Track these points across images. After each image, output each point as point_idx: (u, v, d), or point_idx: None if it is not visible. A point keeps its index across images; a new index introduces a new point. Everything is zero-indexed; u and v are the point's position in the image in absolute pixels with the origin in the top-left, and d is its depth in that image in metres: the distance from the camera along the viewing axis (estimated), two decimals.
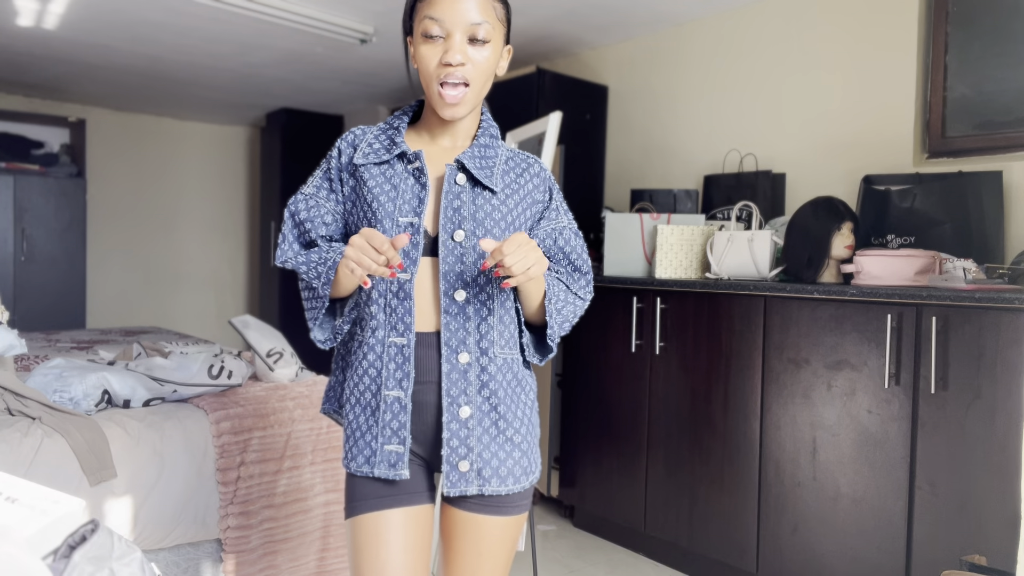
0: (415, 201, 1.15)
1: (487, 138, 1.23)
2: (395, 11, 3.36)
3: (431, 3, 1.12)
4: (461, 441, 1.14)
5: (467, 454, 1.14)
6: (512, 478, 1.17)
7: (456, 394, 1.14)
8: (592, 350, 2.97)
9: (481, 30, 1.13)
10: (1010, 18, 2.47)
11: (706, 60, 3.37)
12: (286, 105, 5.62)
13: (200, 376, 2.22)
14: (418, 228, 1.14)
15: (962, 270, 2.09)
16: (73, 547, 0.75)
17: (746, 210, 2.89)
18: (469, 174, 1.18)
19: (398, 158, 1.19)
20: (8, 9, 3.39)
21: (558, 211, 1.27)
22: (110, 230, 5.83)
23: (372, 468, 1.15)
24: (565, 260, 1.26)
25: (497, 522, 1.18)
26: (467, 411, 1.14)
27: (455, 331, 1.15)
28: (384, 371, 1.15)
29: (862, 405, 2.16)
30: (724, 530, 2.49)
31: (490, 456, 1.15)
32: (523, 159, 1.26)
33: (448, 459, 1.14)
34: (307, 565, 2.24)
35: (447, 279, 1.14)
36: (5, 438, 1.79)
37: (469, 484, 1.14)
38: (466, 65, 1.13)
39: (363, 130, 1.25)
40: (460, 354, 1.14)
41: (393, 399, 1.14)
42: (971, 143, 2.55)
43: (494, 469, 1.15)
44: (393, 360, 1.14)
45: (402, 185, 1.17)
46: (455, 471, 1.14)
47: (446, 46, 1.12)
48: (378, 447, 1.15)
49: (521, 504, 1.21)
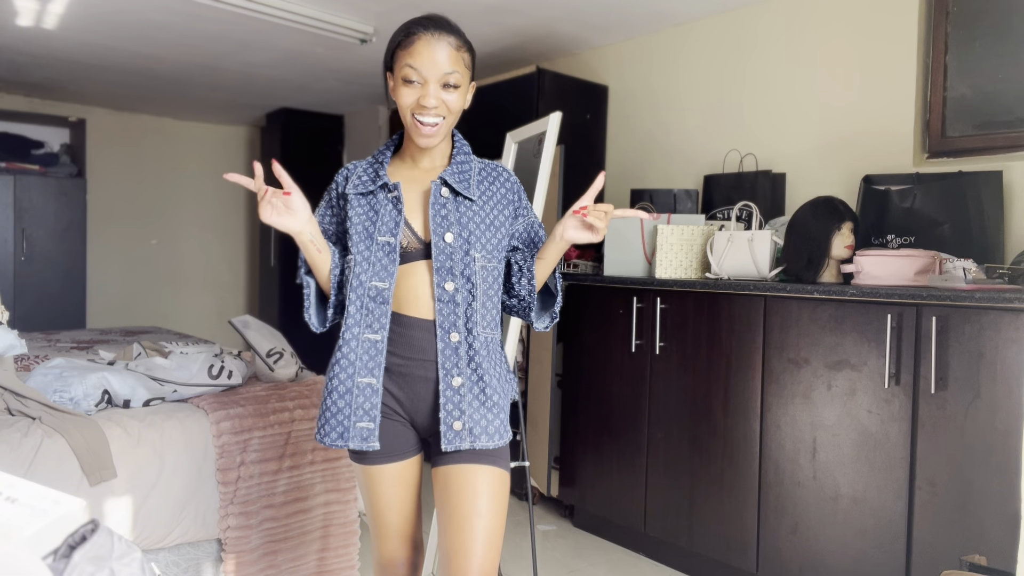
0: (392, 224, 1.41)
1: (462, 155, 1.48)
2: (395, 11, 3.36)
3: (411, 53, 1.35)
4: (455, 405, 1.39)
5: (460, 416, 1.39)
6: (498, 435, 1.41)
7: (449, 367, 1.39)
8: (592, 350, 2.97)
9: (452, 78, 1.37)
10: (1010, 18, 2.47)
11: (706, 60, 3.37)
12: (286, 105, 5.62)
13: (200, 376, 2.22)
14: (394, 247, 1.39)
15: (962, 270, 2.09)
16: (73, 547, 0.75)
17: (746, 210, 2.89)
18: (451, 188, 1.43)
19: (381, 188, 1.44)
20: (8, 9, 3.39)
21: (528, 209, 1.54)
22: (110, 230, 5.83)
23: (346, 442, 1.39)
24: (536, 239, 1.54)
25: (486, 469, 1.41)
26: (459, 381, 1.39)
27: (447, 315, 1.39)
28: (358, 362, 1.39)
29: (862, 405, 2.16)
30: (724, 530, 2.49)
31: (479, 417, 1.39)
32: (492, 168, 1.51)
33: (444, 420, 1.38)
34: (307, 565, 2.24)
35: (439, 273, 1.39)
36: (5, 438, 1.79)
37: (462, 441, 1.38)
38: (439, 107, 1.37)
39: (355, 165, 1.50)
40: (451, 334, 1.39)
41: (365, 385, 1.39)
42: (971, 143, 2.55)
43: (482, 428, 1.39)
44: (367, 352, 1.39)
45: (382, 210, 1.42)
46: (451, 430, 1.38)
47: (423, 91, 1.36)
48: (350, 424, 1.39)
49: (502, 460, 1.44)
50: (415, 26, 1.37)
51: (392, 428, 1.44)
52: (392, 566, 1.53)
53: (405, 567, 1.54)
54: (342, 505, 2.31)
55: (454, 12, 3.23)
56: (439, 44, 1.35)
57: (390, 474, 1.46)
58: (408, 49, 1.36)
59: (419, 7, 3.25)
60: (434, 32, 1.36)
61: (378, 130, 5.53)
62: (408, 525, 1.52)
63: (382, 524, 1.50)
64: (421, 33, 1.35)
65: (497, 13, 3.33)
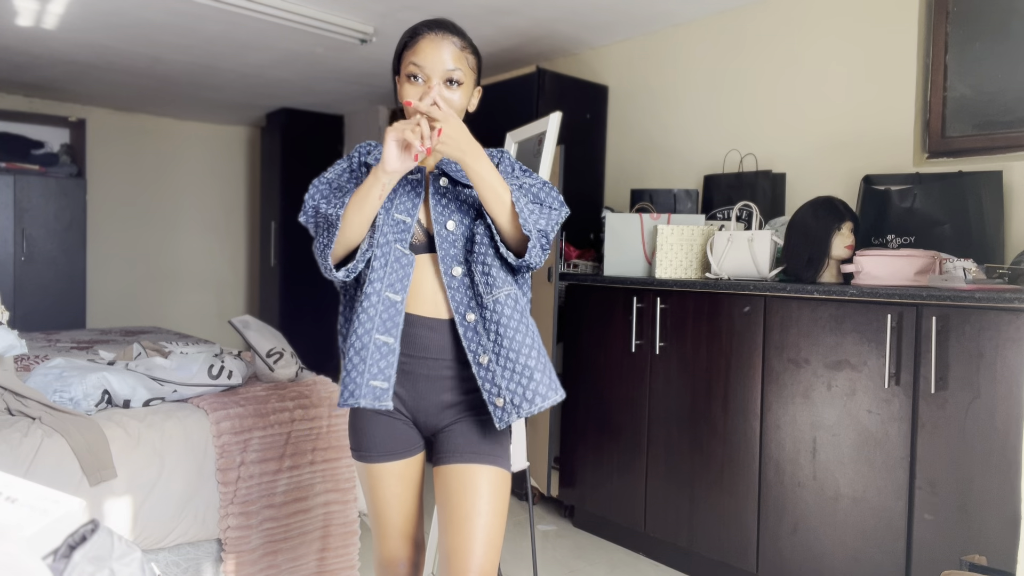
0: (410, 204, 1.42)
1: None
2: (395, 11, 3.36)
3: (415, 52, 1.38)
4: (491, 383, 1.37)
5: (499, 392, 1.36)
6: (539, 397, 1.37)
7: (475, 348, 1.38)
8: (592, 350, 2.97)
9: (455, 74, 1.38)
10: (1010, 18, 2.47)
11: (706, 60, 3.37)
12: (286, 105, 5.62)
13: (200, 376, 2.22)
14: (409, 227, 1.41)
15: (962, 270, 2.09)
16: (73, 547, 0.75)
17: (746, 210, 2.89)
18: (449, 177, 1.45)
19: None
20: (8, 9, 3.39)
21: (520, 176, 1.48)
22: (110, 230, 5.83)
23: (357, 400, 1.36)
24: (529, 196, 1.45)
25: (487, 469, 1.40)
26: (486, 358, 1.38)
27: (460, 299, 1.40)
28: (377, 318, 1.37)
29: (862, 405, 2.16)
30: (724, 530, 2.49)
31: (515, 387, 1.37)
32: (489, 154, 1.49)
33: (489, 400, 1.37)
34: (307, 565, 2.24)
35: (444, 262, 1.41)
36: (5, 438, 1.79)
37: (509, 415, 1.36)
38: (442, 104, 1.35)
39: (375, 144, 1.51)
40: (468, 315, 1.40)
41: (382, 343, 1.37)
42: (971, 143, 2.55)
43: (522, 396, 1.36)
44: (387, 311, 1.38)
45: (400, 190, 1.43)
46: (498, 409, 1.36)
47: (426, 88, 1.37)
48: (363, 382, 1.36)
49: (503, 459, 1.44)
50: (420, 27, 1.40)
51: (394, 426, 1.45)
52: (393, 565, 1.54)
53: (406, 566, 1.54)
54: (342, 505, 2.31)
55: (455, 13, 3.23)
56: (443, 43, 1.38)
57: (392, 472, 1.47)
58: (413, 48, 1.39)
59: (419, 7, 3.25)
60: (439, 32, 1.39)
61: (378, 130, 5.53)
62: (409, 524, 1.52)
63: (383, 523, 1.51)
64: (426, 33, 1.39)
65: (497, 13, 3.33)
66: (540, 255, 1.39)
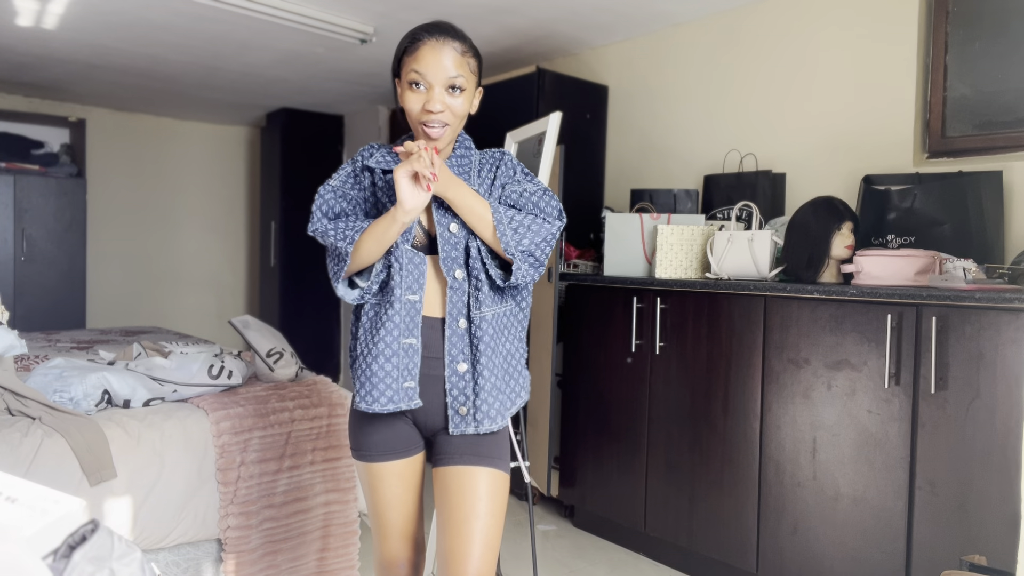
0: None
1: (462, 149, 1.50)
2: (395, 11, 3.36)
3: (416, 58, 1.37)
4: (460, 391, 1.41)
5: (465, 401, 1.41)
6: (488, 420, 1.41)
7: (455, 353, 1.41)
8: (592, 350, 2.97)
9: (457, 81, 1.37)
10: (1010, 18, 2.47)
11: (706, 60, 3.37)
12: (286, 105, 5.62)
13: (200, 376, 2.22)
14: (411, 228, 1.41)
15: (962, 270, 2.09)
16: (73, 547, 0.75)
17: (746, 210, 2.89)
18: None
19: None
20: (8, 9, 3.39)
21: (521, 181, 1.50)
22: (110, 230, 5.83)
23: (396, 404, 1.39)
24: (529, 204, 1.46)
25: (486, 471, 1.42)
26: (464, 367, 1.41)
27: (457, 302, 1.41)
28: (402, 323, 1.40)
29: (862, 405, 2.16)
30: (724, 530, 2.49)
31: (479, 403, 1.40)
32: (492, 155, 1.52)
33: (451, 405, 1.41)
34: (307, 565, 2.24)
35: (446, 264, 1.42)
36: (5, 438, 1.79)
37: (467, 425, 1.40)
38: (444, 112, 1.37)
39: (376, 146, 1.52)
40: (459, 320, 1.41)
41: (408, 345, 1.40)
42: (971, 143, 2.55)
43: (484, 412, 1.40)
44: (408, 313, 1.40)
45: None
46: (456, 415, 1.41)
47: (428, 96, 1.37)
48: (398, 387, 1.39)
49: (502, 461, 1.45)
50: (421, 32, 1.38)
51: (395, 426, 1.46)
52: (393, 566, 1.54)
53: (406, 567, 1.55)
54: (342, 505, 2.31)
55: (455, 13, 3.23)
56: (444, 49, 1.36)
57: (392, 472, 1.48)
58: (414, 55, 1.37)
59: (419, 7, 3.25)
60: (439, 37, 1.37)
61: (378, 130, 5.53)
62: (410, 524, 1.53)
63: (384, 523, 1.51)
64: (426, 39, 1.37)
65: (497, 13, 3.33)
66: (529, 273, 1.40)
